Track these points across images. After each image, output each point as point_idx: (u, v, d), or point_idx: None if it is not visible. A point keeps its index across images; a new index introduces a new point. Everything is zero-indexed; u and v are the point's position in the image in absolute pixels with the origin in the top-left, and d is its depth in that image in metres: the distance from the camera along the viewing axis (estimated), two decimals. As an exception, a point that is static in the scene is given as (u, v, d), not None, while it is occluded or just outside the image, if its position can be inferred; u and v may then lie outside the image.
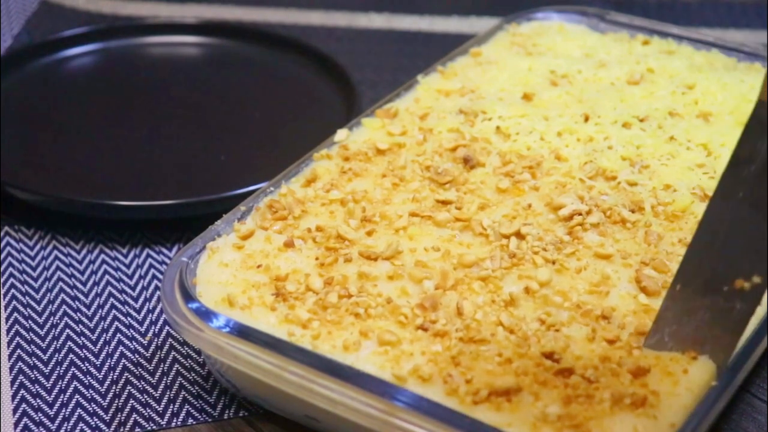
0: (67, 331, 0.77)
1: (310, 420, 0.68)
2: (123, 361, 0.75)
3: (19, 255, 0.84)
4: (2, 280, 0.81)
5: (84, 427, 0.70)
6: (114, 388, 0.73)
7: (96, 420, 0.71)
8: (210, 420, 0.71)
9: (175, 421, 0.71)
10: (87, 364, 0.75)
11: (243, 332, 0.66)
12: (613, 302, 0.68)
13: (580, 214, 0.73)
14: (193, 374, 0.74)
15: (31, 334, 0.77)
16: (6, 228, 0.87)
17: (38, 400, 0.72)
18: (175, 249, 0.85)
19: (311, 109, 0.99)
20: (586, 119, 0.83)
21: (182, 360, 0.75)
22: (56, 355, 0.75)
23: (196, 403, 0.72)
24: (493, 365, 0.63)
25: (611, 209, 0.74)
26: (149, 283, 0.81)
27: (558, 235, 0.72)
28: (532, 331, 0.65)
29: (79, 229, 0.86)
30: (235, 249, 0.72)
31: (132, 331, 0.77)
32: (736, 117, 0.83)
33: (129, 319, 0.78)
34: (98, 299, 0.80)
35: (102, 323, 0.78)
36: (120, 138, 0.95)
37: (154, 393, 0.72)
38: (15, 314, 0.78)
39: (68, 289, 0.81)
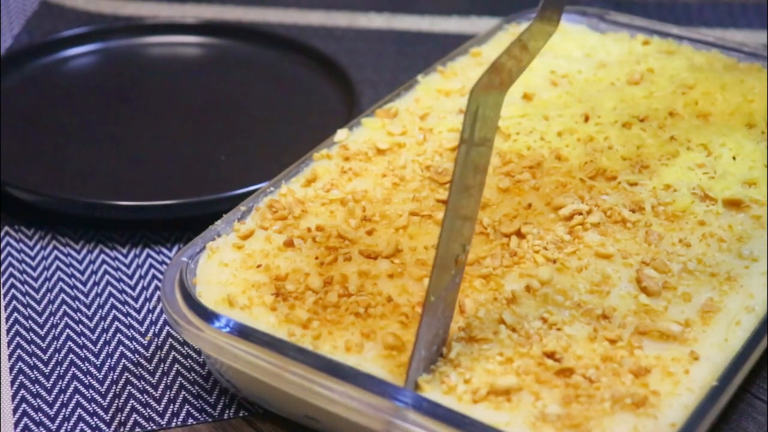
0: (67, 331, 0.77)
1: (310, 420, 0.68)
2: (123, 361, 0.75)
3: (19, 255, 0.84)
4: (2, 280, 0.81)
5: (84, 427, 0.70)
6: (114, 388, 0.73)
7: (96, 420, 0.71)
8: (210, 420, 0.71)
9: (175, 421, 0.71)
10: (87, 364, 0.75)
11: (243, 332, 0.66)
12: (613, 302, 0.68)
13: (580, 214, 0.73)
14: (193, 374, 0.74)
15: (31, 334, 0.77)
16: (6, 228, 0.87)
17: (38, 400, 0.72)
18: (175, 249, 0.85)
19: (311, 109, 0.99)
20: (587, 119, 0.83)
21: (182, 360, 0.75)
22: (56, 355, 0.75)
23: (196, 403, 0.72)
24: (494, 364, 0.63)
25: (612, 209, 0.74)
26: (149, 283, 0.81)
27: (558, 235, 0.72)
28: (534, 329, 0.66)
29: (79, 229, 0.86)
30: (235, 249, 0.72)
31: (132, 331, 0.77)
32: (736, 117, 0.83)
33: (129, 319, 0.78)
34: (98, 299, 0.80)
35: (102, 323, 0.78)
36: (120, 138, 0.95)
37: (154, 393, 0.72)
38: (15, 314, 0.78)
39: (68, 289, 0.81)
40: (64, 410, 0.71)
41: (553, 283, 0.68)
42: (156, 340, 0.77)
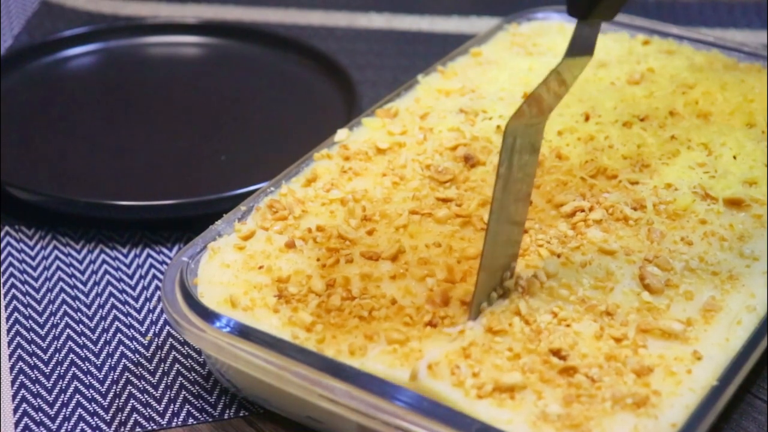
0: (68, 330, 0.77)
1: (312, 421, 0.68)
2: (123, 360, 0.75)
3: (20, 255, 0.84)
4: (2, 280, 0.81)
5: (84, 426, 0.70)
6: (114, 387, 0.73)
7: (96, 420, 0.71)
8: (210, 420, 0.71)
9: (175, 420, 0.71)
10: (87, 364, 0.75)
11: (244, 332, 0.66)
12: (617, 298, 0.68)
13: (582, 211, 0.73)
14: (194, 374, 0.74)
15: (32, 334, 0.77)
16: (6, 228, 0.86)
17: (39, 400, 0.72)
18: (175, 249, 0.85)
19: (311, 109, 0.99)
20: (587, 118, 0.83)
21: (183, 360, 0.75)
22: (57, 355, 0.75)
23: (196, 402, 0.72)
24: (502, 359, 0.63)
25: (613, 206, 0.74)
26: (150, 283, 0.81)
27: (561, 230, 0.72)
28: (545, 323, 0.65)
29: (79, 229, 0.86)
30: (237, 249, 0.72)
31: (132, 331, 0.77)
32: (736, 116, 0.83)
33: (129, 319, 0.78)
34: (98, 299, 0.80)
35: (102, 323, 0.78)
36: (120, 138, 0.95)
37: (154, 393, 0.72)
38: (15, 314, 0.78)
39: (68, 289, 0.81)
40: (64, 410, 0.71)
41: (558, 277, 0.68)
42: (156, 340, 0.76)
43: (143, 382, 0.73)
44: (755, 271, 0.70)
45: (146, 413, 0.71)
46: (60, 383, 0.73)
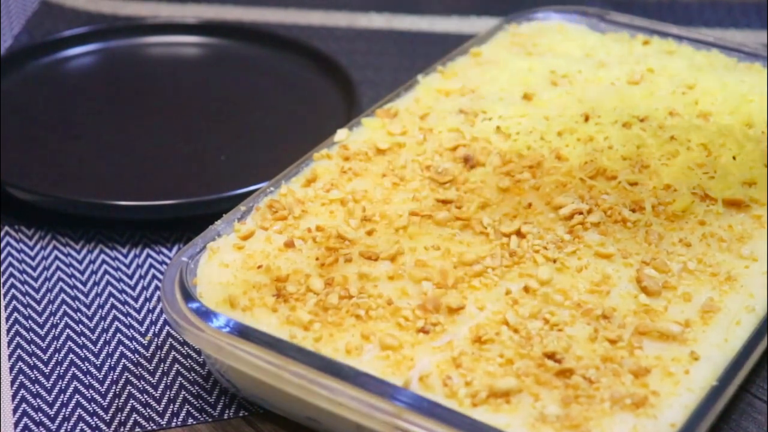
0: (67, 331, 0.77)
1: (311, 421, 0.68)
2: (123, 360, 0.75)
3: (19, 255, 0.84)
4: (2, 280, 0.81)
5: (84, 426, 0.70)
6: (114, 388, 0.73)
7: (96, 420, 0.71)
8: (210, 420, 0.71)
9: (175, 421, 0.71)
10: (87, 364, 0.75)
11: (243, 332, 0.66)
12: (613, 302, 0.68)
13: (580, 213, 0.73)
14: (193, 374, 0.74)
15: (31, 334, 0.77)
16: (6, 228, 0.87)
17: (38, 400, 0.72)
18: (175, 249, 0.85)
19: (311, 109, 0.99)
20: (587, 119, 0.83)
21: (182, 360, 0.75)
22: (56, 355, 0.75)
23: (196, 403, 0.72)
24: (494, 366, 0.63)
25: (612, 209, 0.74)
26: (149, 283, 0.81)
27: (559, 234, 0.72)
28: (536, 330, 0.65)
29: (79, 229, 0.86)
30: (236, 249, 0.72)
31: (132, 331, 0.77)
32: (736, 117, 0.83)
33: (129, 319, 0.78)
34: (98, 299, 0.80)
35: (102, 323, 0.78)
36: (120, 138, 0.95)
37: (154, 393, 0.72)
38: (15, 314, 0.78)
39: (68, 289, 0.81)
40: (64, 410, 0.71)
41: (553, 283, 0.68)
42: (156, 340, 0.77)
43: (143, 382, 0.73)
44: (754, 271, 0.70)
45: (146, 413, 0.71)
46: (60, 383, 0.73)
